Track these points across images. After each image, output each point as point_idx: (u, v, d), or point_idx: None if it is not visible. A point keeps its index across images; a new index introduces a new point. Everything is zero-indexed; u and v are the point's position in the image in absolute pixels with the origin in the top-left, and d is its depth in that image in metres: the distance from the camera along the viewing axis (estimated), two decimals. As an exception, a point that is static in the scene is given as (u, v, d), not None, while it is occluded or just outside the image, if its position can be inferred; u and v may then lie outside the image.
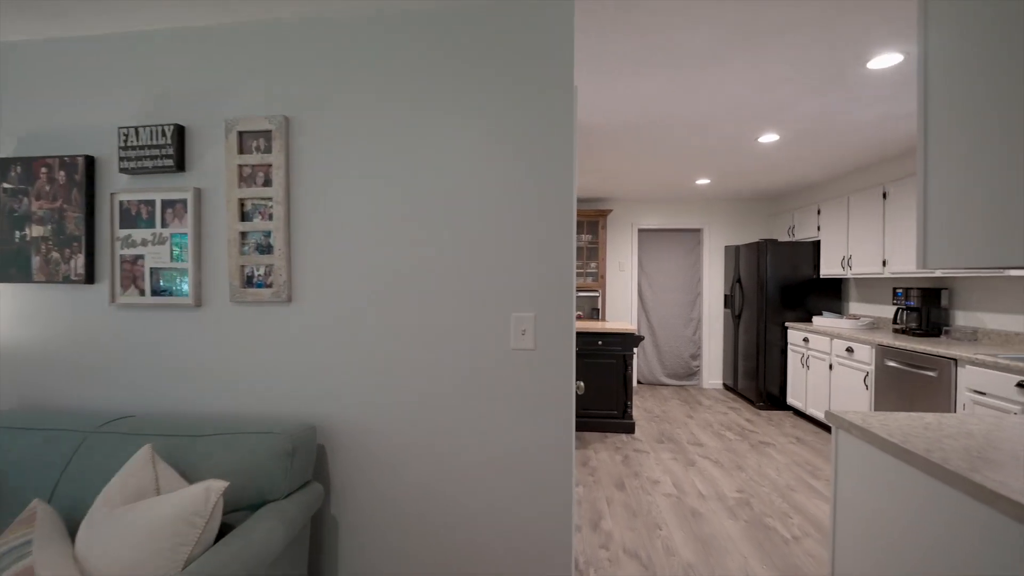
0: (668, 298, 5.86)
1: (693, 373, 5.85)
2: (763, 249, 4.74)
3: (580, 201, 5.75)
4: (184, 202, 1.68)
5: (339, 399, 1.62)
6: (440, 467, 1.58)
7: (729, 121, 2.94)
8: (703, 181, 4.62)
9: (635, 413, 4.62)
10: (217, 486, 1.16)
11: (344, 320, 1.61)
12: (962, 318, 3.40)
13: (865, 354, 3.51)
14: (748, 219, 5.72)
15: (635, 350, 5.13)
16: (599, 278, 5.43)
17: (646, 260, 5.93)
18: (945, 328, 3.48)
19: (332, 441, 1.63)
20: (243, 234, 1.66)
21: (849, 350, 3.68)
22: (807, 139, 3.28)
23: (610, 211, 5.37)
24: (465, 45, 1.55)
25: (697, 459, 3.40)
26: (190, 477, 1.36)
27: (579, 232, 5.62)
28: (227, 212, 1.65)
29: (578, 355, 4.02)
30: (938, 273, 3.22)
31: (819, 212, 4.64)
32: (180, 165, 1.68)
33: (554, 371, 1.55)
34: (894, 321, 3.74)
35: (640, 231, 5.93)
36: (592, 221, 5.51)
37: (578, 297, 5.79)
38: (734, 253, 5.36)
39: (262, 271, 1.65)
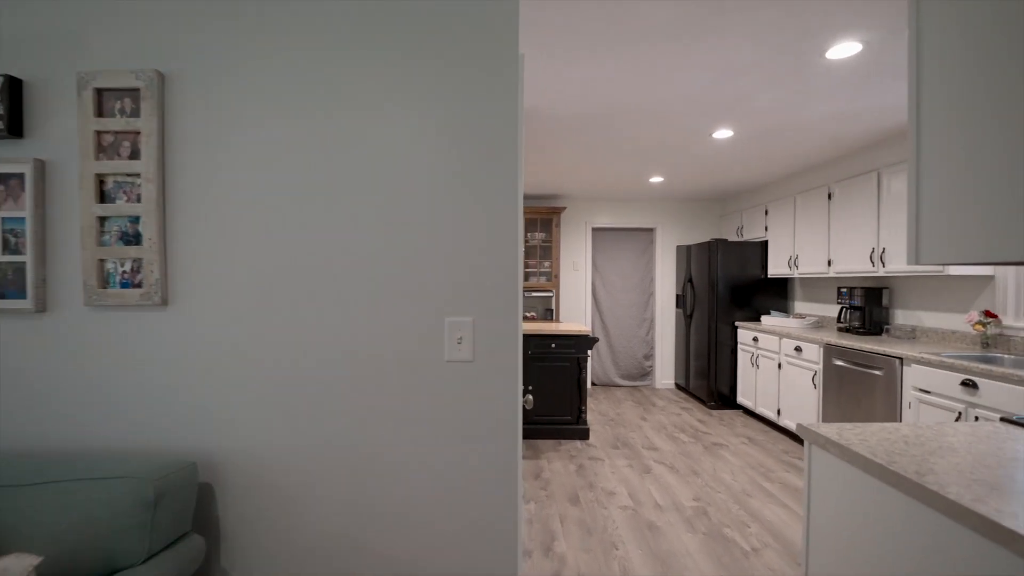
0: (622, 298, 5.80)
1: (646, 373, 5.82)
2: (714, 249, 4.74)
3: (533, 198, 5.56)
4: (20, 177, 1.30)
5: (230, 427, 1.30)
6: (357, 507, 1.30)
7: (685, 113, 2.82)
8: (657, 179, 4.56)
9: (590, 417, 4.48)
10: (19, 566, 0.82)
11: (236, 328, 1.30)
12: (901, 316, 3.49)
13: (813, 353, 3.53)
14: (699, 219, 5.76)
15: (589, 352, 5.01)
16: (553, 278, 5.26)
17: (600, 259, 5.83)
18: (886, 327, 3.57)
19: (221, 479, 1.31)
20: (102, 219, 1.30)
21: (798, 349, 3.70)
22: (761, 136, 3.24)
23: (564, 208, 5.21)
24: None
25: (653, 465, 3.28)
26: (2, 545, 1.00)
27: (532, 230, 5.43)
28: (81, 191, 1.29)
29: (530, 359, 3.82)
30: (881, 272, 3.27)
31: (767, 212, 4.70)
32: (14, 130, 1.29)
33: (497, 387, 1.31)
34: (838, 320, 3.81)
35: (594, 230, 5.83)
36: (546, 219, 5.34)
37: (531, 297, 5.60)
38: (686, 253, 5.36)
39: (128, 267, 1.30)
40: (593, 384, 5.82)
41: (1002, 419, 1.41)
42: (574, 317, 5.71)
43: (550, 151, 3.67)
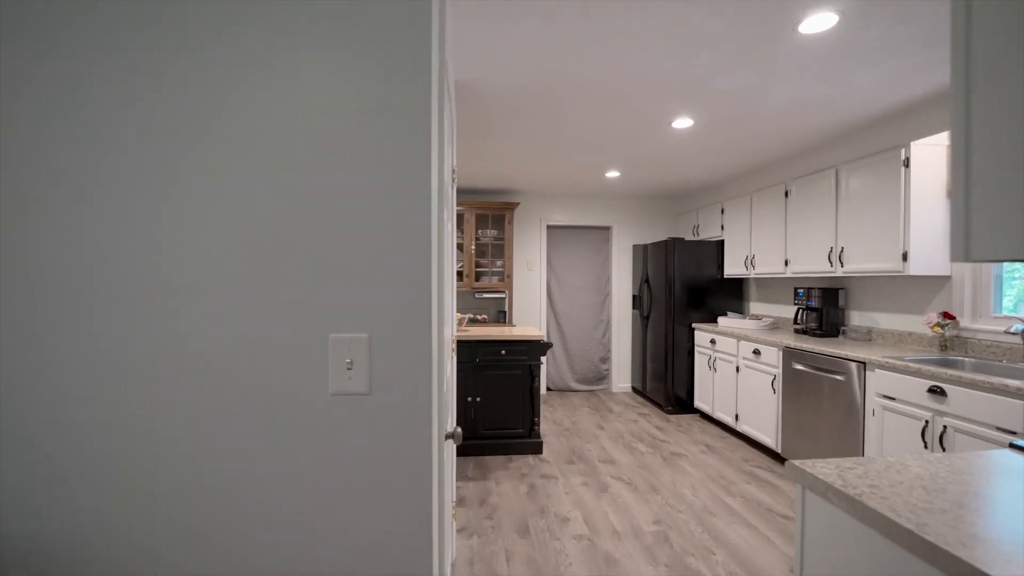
0: (578, 299, 5.56)
1: (603, 377, 5.61)
2: (671, 248, 4.58)
3: (484, 192, 5.21)
4: None
5: (17, 494, 0.87)
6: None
7: (641, 95, 2.56)
8: (613, 174, 4.33)
9: (544, 427, 4.19)
10: None
11: (24, 345, 0.87)
12: (857, 318, 3.41)
13: (772, 356, 3.39)
14: (655, 218, 5.61)
15: (543, 359, 4.72)
16: (506, 278, 4.94)
17: (556, 258, 5.57)
18: (842, 328, 3.49)
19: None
20: None
21: (756, 352, 3.56)
22: (721, 127, 3.05)
23: (517, 204, 4.90)
24: None
25: (610, 482, 3.02)
26: None
27: (484, 227, 5.08)
28: None
29: (478, 367, 3.46)
30: (839, 273, 3.17)
31: (723, 211, 4.59)
32: None
33: (403, 427, 0.95)
34: (795, 321, 3.71)
35: (549, 227, 5.56)
36: (498, 215, 5.01)
37: (483, 299, 5.25)
38: (642, 252, 5.19)
39: None
40: (548, 389, 5.55)
41: (1012, 445, 1.21)
42: (528, 319, 5.41)
43: (497, 138, 3.34)
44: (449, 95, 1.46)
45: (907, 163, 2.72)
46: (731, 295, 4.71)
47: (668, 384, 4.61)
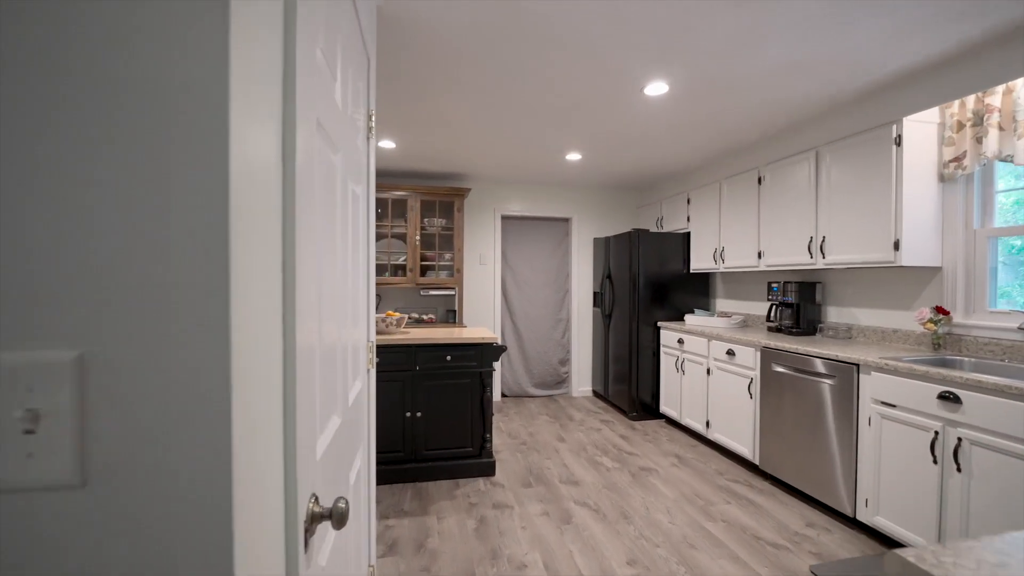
0: (536, 296, 5.11)
1: (562, 381, 5.19)
2: (635, 240, 4.22)
3: (430, 176, 4.64)
4: None
5: None
6: None
7: (615, 43, 2.12)
8: (574, 157, 3.90)
9: (498, 441, 3.69)
10: None
11: None
12: (835, 314, 3.15)
13: (749, 357, 3.07)
14: (617, 210, 5.26)
15: (496, 365, 4.23)
16: (455, 273, 4.40)
17: (511, 252, 5.09)
18: (819, 325, 3.22)
19: None
20: None
21: (730, 353, 3.24)
22: (699, 93, 2.67)
23: (468, 190, 4.37)
24: None
25: (574, 509, 2.56)
26: None
27: (430, 215, 4.52)
28: None
29: (419, 376, 2.92)
30: (820, 265, 2.89)
31: (689, 201, 4.28)
32: None
33: (166, 550, 0.42)
34: (768, 318, 3.42)
35: (504, 218, 5.07)
36: (446, 201, 4.46)
37: (429, 296, 4.69)
38: (604, 246, 4.81)
39: None
40: (504, 396, 5.06)
41: None
42: (481, 319, 4.90)
43: (441, 95, 2.81)
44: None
45: (899, 141, 2.44)
46: (698, 291, 4.41)
47: (632, 388, 4.24)
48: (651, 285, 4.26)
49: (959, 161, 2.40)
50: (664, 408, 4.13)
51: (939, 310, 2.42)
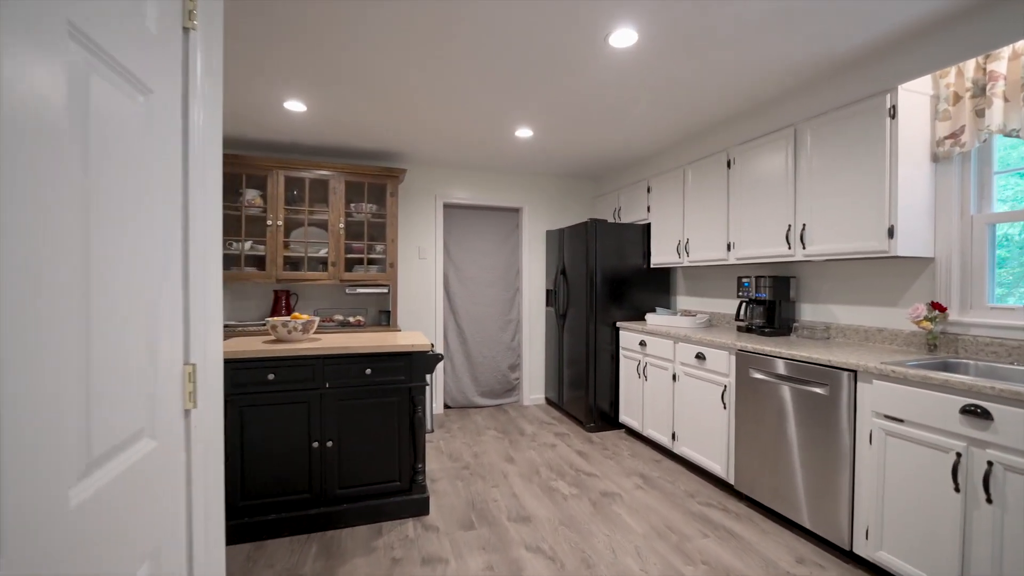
0: (483, 295, 4.57)
1: (512, 388, 4.69)
2: (591, 231, 3.79)
3: (357, 154, 3.98)
4: None
5: None
6: None
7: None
8: (524, 133, 3.40)
9: (435, 466, 3.12)
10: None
11: None
12: (809, 312, 2.86)
13: (722, 362, 2.70)
14: (572, 200, 4.83)
15: (430, 377, 3.66)
16: (389, 268, 3.77)
17: (455, 245, 4.52)
18: (793, 324, 2.92)
19: None
20: None
21: (700, 357, 2.86)
22: (673, 47, 2.24)
23: (403, 172, 3.76)
24: None
25: (525, 560, 2.05)
26: None
27: (357, 199, 3.87)
28: None
29: (329, 395, 2.30)
30: (799, 256, 2.56)
31: (649, 190, 3.91)
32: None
33: None
34: (737, 317, 3.09)
35: (447, 207, 4.50)
36: (377, 184, 3.83)
37: (357, 295, 4.03)
38: (557, 238, 4.36)
39: None
40: (447, 407, 4.48)
41: None
42: (420, 321, 4.29)
43: (357, 38, 2.21)
44: None
45: (893, 112, 2.13)
46: (659, 288, 4.06)
47: (589, 395, 3.81)
48: (609, 281, 3.85)
49: (956, 137, 2.12)
50: (624, 418, 3.72)
51: (935, 306, 2.13)
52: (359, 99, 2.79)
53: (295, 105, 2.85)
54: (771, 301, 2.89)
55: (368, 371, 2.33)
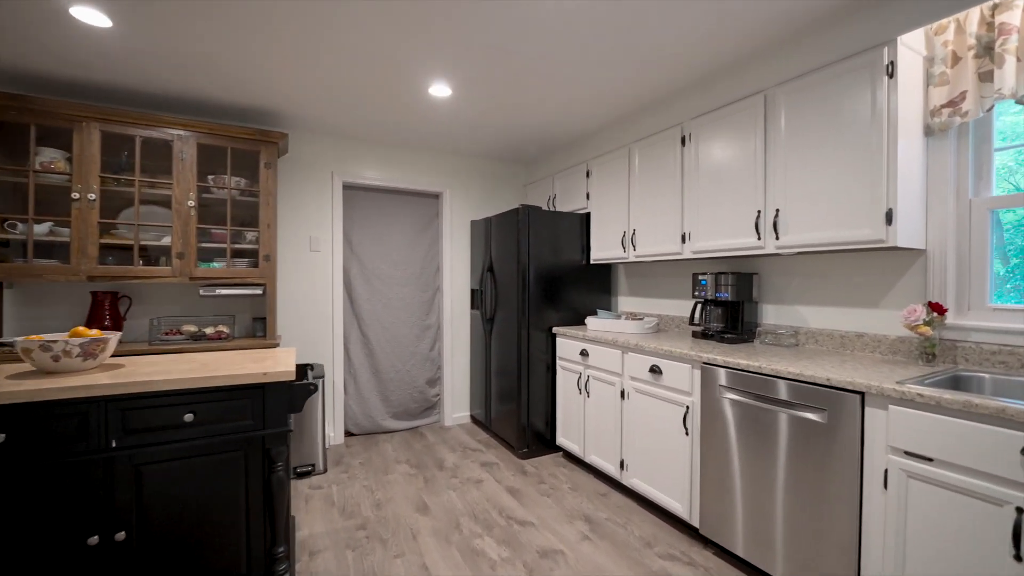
0: (394, 296, 3.80)
1: (431, 407, 3.97)
2: (523, 219, 3.19)
3: (222, 111, 3.02)
4: None
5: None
6: None
7: None
8: (441, 90, 2.70)
9: (322, 527, 2.33)
10: None
11: None
12: (773, 314, 2.47)
13: (683, 378, 2.21)
14: (500, 187, 4.21)
15: (292, 419, 2.85)
16: (264, 261, 2.88)
17: (359, 235, 3.70)
18: (757, 328, 2.52)
19: None
20: None
21: (655, 371, 2.36)
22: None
23: (283, 136, 2.89)
24: None
25: None
26: None
27: (218, 171, 2.95)
28: None
29: (123, 459, 1.45)
30: (771, 248, 2.14)
31: (589, 174, 3.40)
32: None
33: None
34: (691, 320, 2.64)
35: (348, 188, 3.67)
36: (246, 152, 2.92)
37: (218, 298, 3.09)
38: (484, 229, 3.72)
39: None
40: (350, 435, 3.65)
41: None
42: (311, 330, 3.43)
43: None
44: None
45: (892, 70, 1.74)
46: (600, 288, 3.56)
47: (521, 413, 3.21)
48: (544, 280, 3.27)
49: (955, 105, 1.77)
50: (562, 440, 3.17)
51: (934, 307, 1.77)
52: (196, 19, 1.92)
53: (92, 16, 1.91)
54: (733, 302, 2.47)
55: (189, 416, 1.51)
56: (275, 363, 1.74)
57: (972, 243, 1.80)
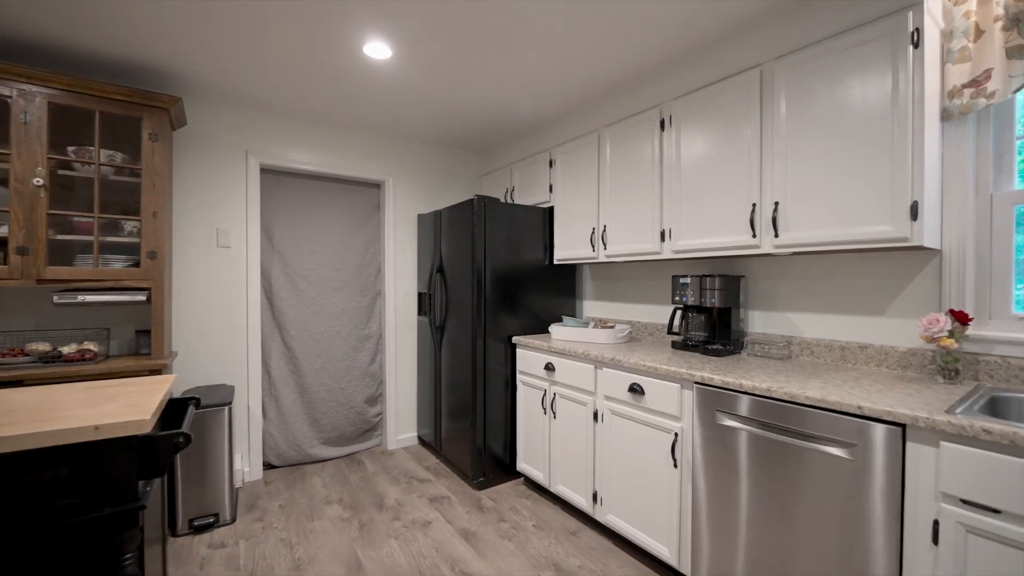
0: (328, 302, 3.25)
1: (372, 428, 3.45)
2: (479, 212, 2.77)
3: (86, 62, 2.35)
4: None
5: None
6: None
7: None
8: (379, 50, 2.22)
9: (216, 605, 1.78)
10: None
11: None
12: (761, 322, 2.20)
13: (671, 400, 1.87)
14: (451, 179, 3.76)
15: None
16: (147, 259, 2.26)
17: (282, 230, 3.12)
18: (744, 338, 2.24)
19: None
20: None
21: (636, 390, 2.01)
22: None
23: (176, 101, 2.28)
24: None
25: None
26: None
27: (81, 142, 2.30)
28: None
29: None
30: (768, 247, 1.85)
31: (552, 164, 3.03)
32: None
33: None
34: (670, 329, 2.34)
35: (268, 172, 3.07)
36: (123, 118, 2.28)
37: (87, 308, 2.42)
38: (433, 224, 3.25)
39: None
40: (270, 468, 3.06)
41: None
42: (216, 346, 2.81)
43: None
44: None
45: (917, 39, 1.48)
46: (564, 291, 3.20)
47: (476, 434, 2.78)
48: (502, 282, 2.86)
49: (978, 85, 1.55)
50: (524, 465, 2.77)
51: (957, 316, 1.54)
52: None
53: None
54: (719, 309, 2.18)
55: (-41, 504, 0.96)
56: (126, 406, 1.20)
57: (994, 243, 1.59)
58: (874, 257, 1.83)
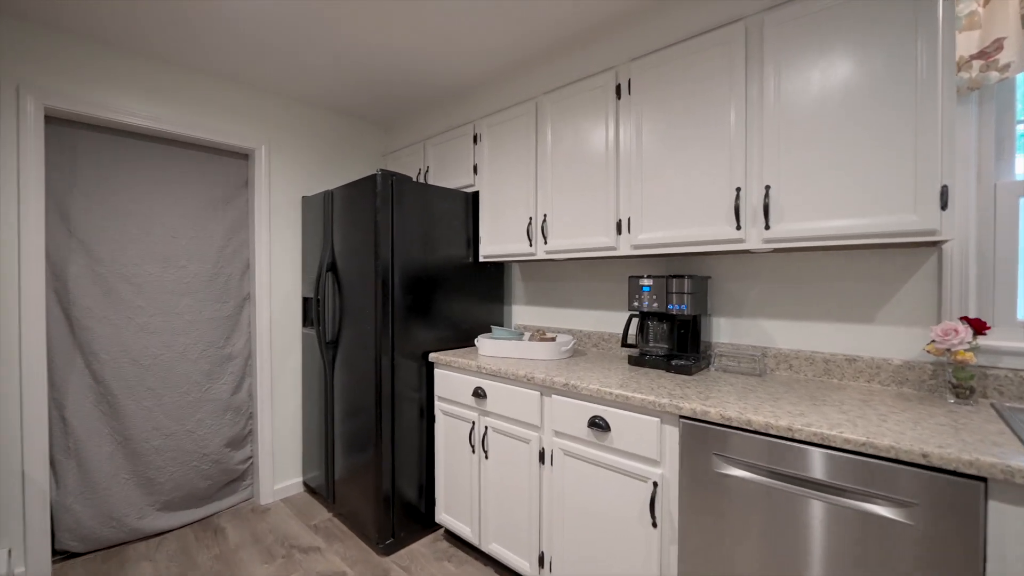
0: (167, 312, 2.34)
1: (238, 478, 2.60)
2: (387, 193, 2.13)
3: None
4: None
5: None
6: None
7: None
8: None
9: None
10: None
11: None
12: (728, 330, 1.89)
13: (648, 439, 1.44)
14: (346, 155, 3.03)
15: None
16: None
17: (90, 211, 2.16)
18: (709, 349, 1.91)
19: None
20: None
21: (598, 425, 1.56)
22: None
23: None
24: None
25: None
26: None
27: None
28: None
29: None
30: (758, 244, 1.52)
31: (477, 139, 2.49)
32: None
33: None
34: (624, 341, 1.94)
35: (63, 122, 2.10)
36: None
37: None
38: (322, 209, 2.52)
39: None
40: (71, 556, 2.09)
41: None
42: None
43: None
44: None
45: (948, -13, 1.21)
46: (491, 296, 2.67)
47: (382, 476, 2.14)
48: (415, 284, 2.25)
49: (988, 57, 1.33)
50: (445, 516, 2.19)
51: (974, 324, 1.31)
52: None
53: None
54: (684, 317, 1.82)
55: None
56: None
57: (997, 239, 1.40)
58: (862, 255, 1.59)
